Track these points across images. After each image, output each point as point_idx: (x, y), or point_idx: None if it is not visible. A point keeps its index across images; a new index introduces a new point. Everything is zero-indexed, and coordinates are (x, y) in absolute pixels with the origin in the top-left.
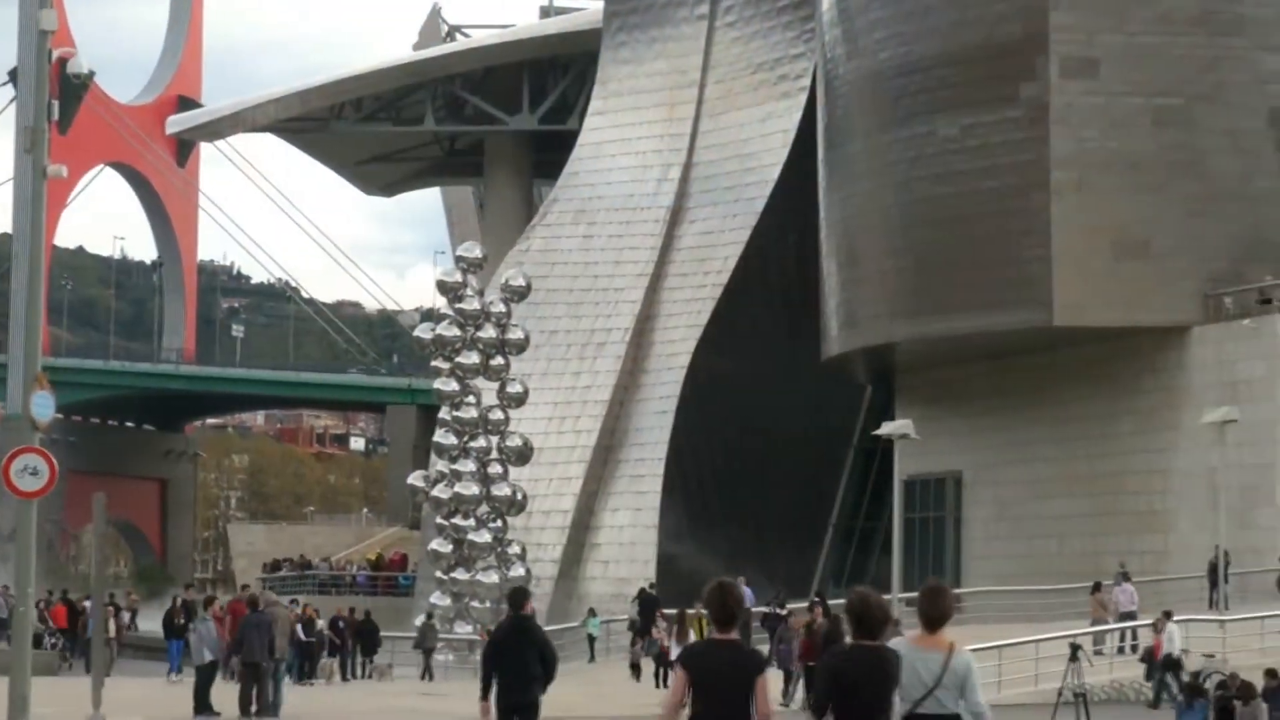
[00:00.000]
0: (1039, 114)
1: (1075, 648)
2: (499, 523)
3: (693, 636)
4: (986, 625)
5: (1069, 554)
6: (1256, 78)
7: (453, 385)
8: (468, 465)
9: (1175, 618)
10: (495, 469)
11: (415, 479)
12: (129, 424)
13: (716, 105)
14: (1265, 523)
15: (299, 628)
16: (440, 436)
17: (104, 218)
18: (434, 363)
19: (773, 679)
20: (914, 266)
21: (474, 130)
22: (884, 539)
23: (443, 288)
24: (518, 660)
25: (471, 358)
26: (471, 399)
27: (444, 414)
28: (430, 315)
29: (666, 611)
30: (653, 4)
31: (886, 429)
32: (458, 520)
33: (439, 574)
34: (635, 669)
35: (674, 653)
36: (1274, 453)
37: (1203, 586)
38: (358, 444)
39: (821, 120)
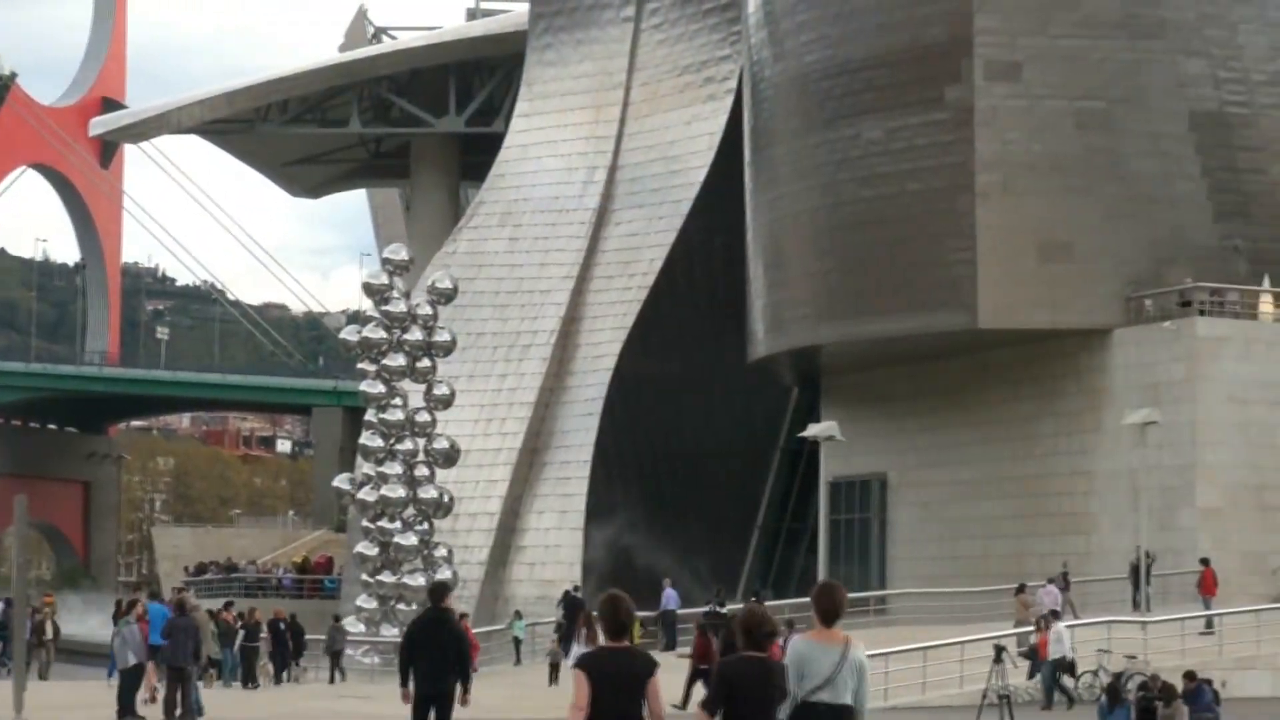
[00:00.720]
0: (964, 117)
1: (999, 649)
2: (425, 525)
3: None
4: (911, 627)
5: (993, 555)
6: (1177, 81)
7: (379, 387)
8: (394, 468)
9: (1100, 619)
10: (422, 471)
11: (341, 482)
12: (51, 426)
13: (642, 107)
14: (1185, 524)
15: (242, 631)
16: (366, 439)
17: (26, 219)
18: (360, 365)
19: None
20: (840, 269)
21: (400, 132)
22: (810, 540)
23: (369, 290)
24: (434, 651)
25: (398, 360)
26: (398, 401)
27: (370, 416)
28: (356, 317)
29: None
30: (578, 6)
31: (812, 431)
32: (384, 523)
33: (365, 577)
34: (554, 669)
35: (572, 656)
36: (1194, 454)
37: (1125, 588)
38: (284, 446)
39: (748, 123)
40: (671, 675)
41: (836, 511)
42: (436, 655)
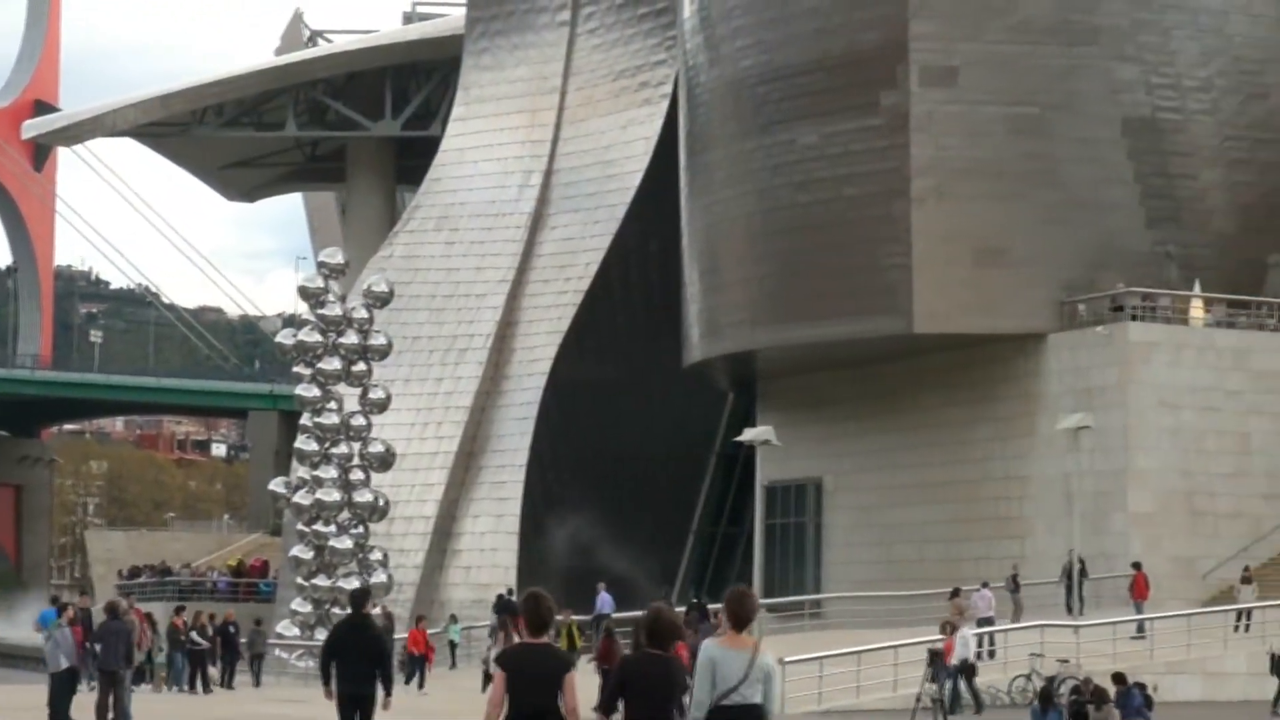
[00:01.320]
0: (899, 122)
1: (934, 654)
2: (360, 529)
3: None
4: (846, 631)
5: (928, 560)
6: (1110, 87)
7: (314, 391)
8: (329, 471)
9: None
10: (357, 475)
11: (277, 485)
12: None
13: (578, 112)
14: (1117, 528)
15: (192, 634)
16: (302, 442)
17: None
18: (296, 368)
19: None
20: (775, 274)
21: (336, 136)
22: (745, 545)
23: (304, 293)
24: (353, 656)
25: (333, 364)
26: (333, 405)
27: (306, 420)
28: (292, 321)
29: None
30: (515, 10)
31: (748, 435)
32: (319, 526)
33: (300, 580)
34: (489, 674)
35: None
36: (1126, 459)
37: (1058, 592)
38: (219, 450)
39: (683, 127)
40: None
41: (772, 516)
42: (357, 661)
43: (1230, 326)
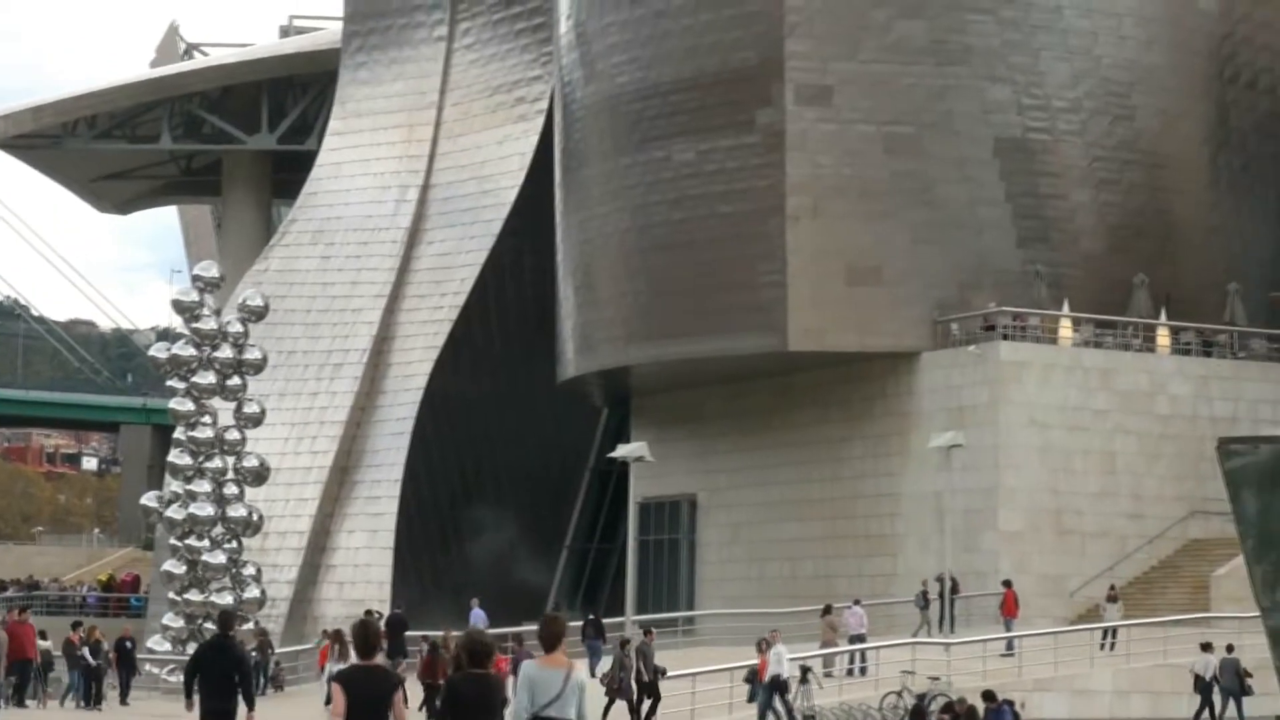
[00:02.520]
0: (775, 140)
1: (805, 670)
2: (234, 544)
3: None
4: (719, 647)
5: (801, 577)
6: (982, 107)
7: (188, 405)
8: (203, 486)
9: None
10: (231, 490)
11: (149, 499)
12: None
13: (455, 127)
14: (987, 546)
15: (85, 650)
16: (175, 456)
17: None
18: (169, 382)
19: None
20: (650, 290)
21: (212, 149)
22: (619, 561)
23: (179, 307)
24: (217, 674)
25: (208, 378)
26: (207, 419)
27: (179, 434)
28: (166, 335)
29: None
30: (392, 25)
31: (622, 451)
32: (192, 541)
33: (172, 595)
34: None
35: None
36: (996, 477)
37: (933, 609)
38: (90, 464)
39: (559, 144)
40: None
41: (645, 532)
42: (219, 678)
43: (1097, 346)
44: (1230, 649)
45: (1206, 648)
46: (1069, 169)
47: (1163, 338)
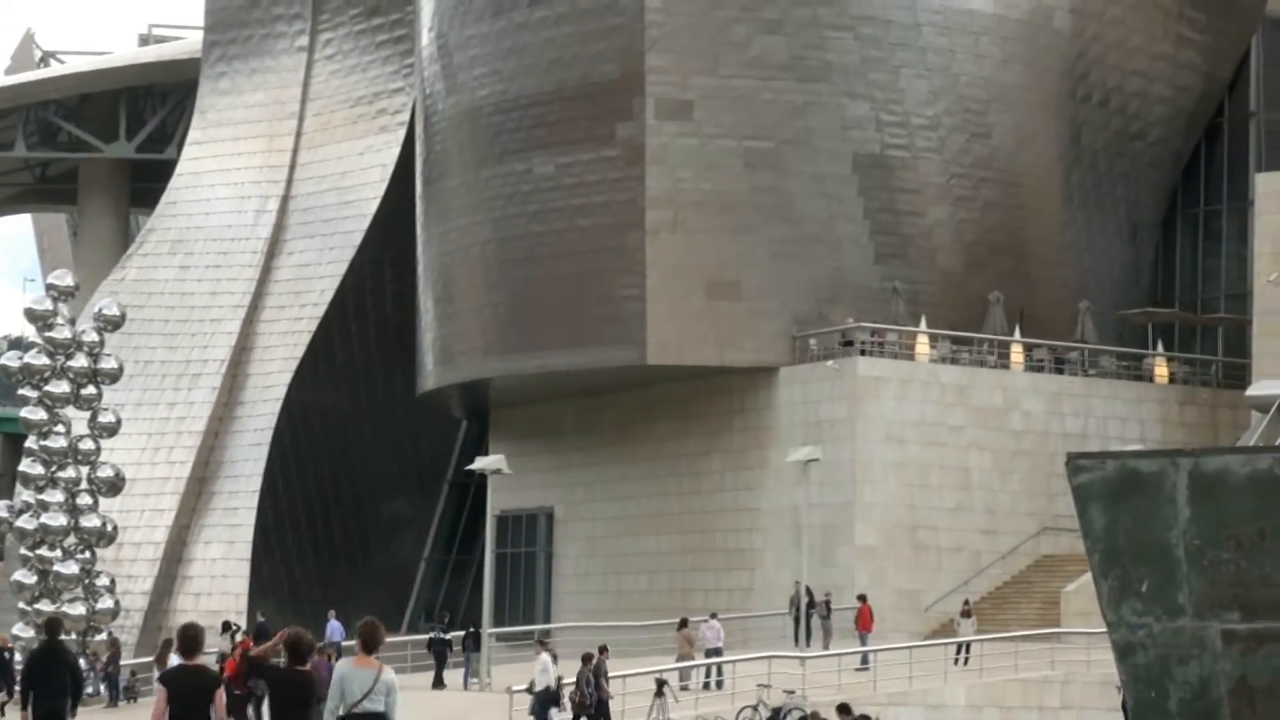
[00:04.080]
0: (635, 154)
1: (661, 683)
2: (87, 554)
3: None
4: (575, 661)
5: (658, 590)
6: (841, 123)
7: (41, 414)
8: (55, 495)
9: (760, 654)
10: (85, 500)
11: None
12: None
13: (315, 138)
14: (844, 561)
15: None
16: (27, 466)
17: None
18: (21, 391)
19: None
20: (509, 303)
21: (68, 157)
22: (476, 573)
23: (31, 315)
24: (49, 678)
25: (61, 386)
26: (60, 428)
27: (31, 443)
28: (19, 343)
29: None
30: (253, 35)
31: (480, 464)
32: (44, 551)
33: (23, 605)
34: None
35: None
36: (853, 492)
37: (786, 623)
38: None
39: (420, 155)
40: None
41: (503, 545)
42: (50, 681)
43: (954, 362)
44: None
45: None
46: (927, 186)
47: (1017, 354)
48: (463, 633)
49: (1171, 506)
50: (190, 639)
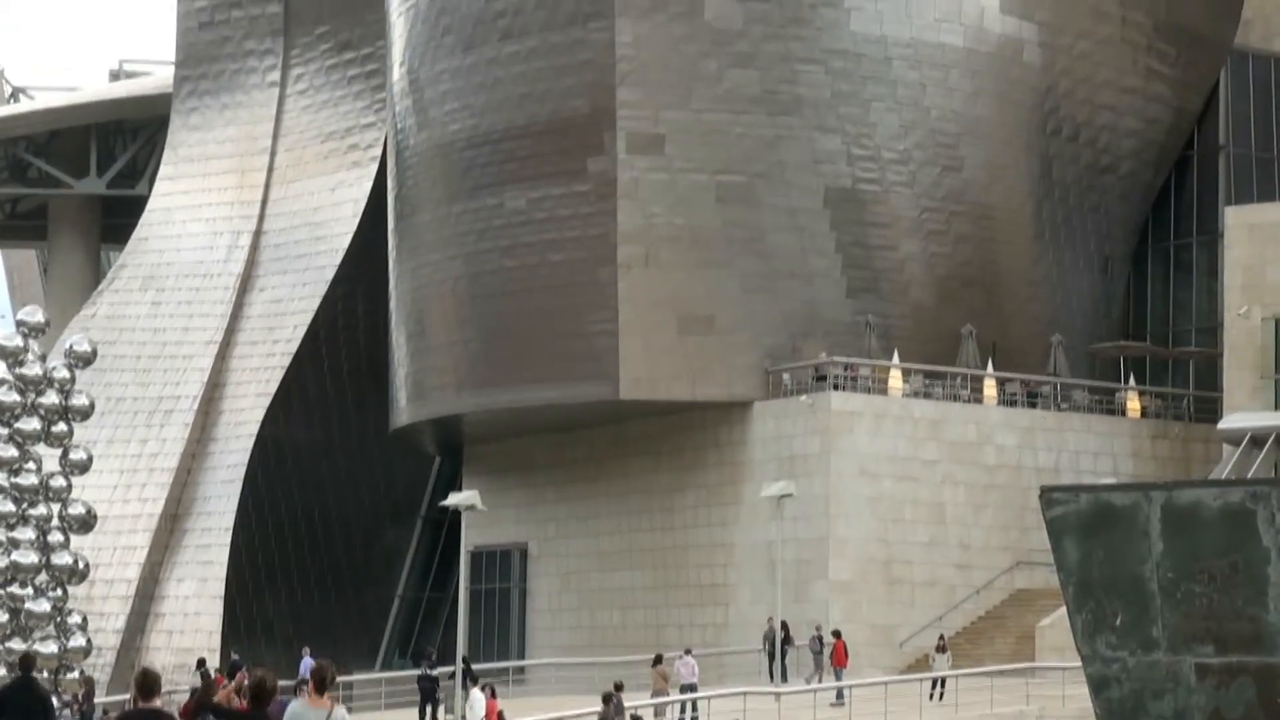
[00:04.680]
0: (606, 189)
1: (635, 719)
2: (59, 591)
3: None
4: (549, 696)
5: (632, 626)
6: (813, 157)
7: (11, 451)
8: (26, 533)
9: (735, 690)
10: (56, 537)
11: None
12: None
13: (287, 173)
14: (818, 596)
15: None
16: None
17: None
18: None
19: None
20: (482, 338)
21: (38, 193)
22: (450, 609)
23: (2, 352)
24: (24, 712)
25: (32, 424)
26: (32, 465)
27: (2, 480)
28: None
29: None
30: (224, 70)
31: (453, 500)
32: (15, 589)
33: None
34: None
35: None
36: (827, 527)
37: (761, 659)
38: None
39: (392, 190)
40: None
41: (477, 581)
42: (26, 715)
43: (927, 397)
44: None
45: None
46: (898, 220)
47: (989, 388)
48: (453, 669)
49: (1145, 540)
50: (149, 682)
